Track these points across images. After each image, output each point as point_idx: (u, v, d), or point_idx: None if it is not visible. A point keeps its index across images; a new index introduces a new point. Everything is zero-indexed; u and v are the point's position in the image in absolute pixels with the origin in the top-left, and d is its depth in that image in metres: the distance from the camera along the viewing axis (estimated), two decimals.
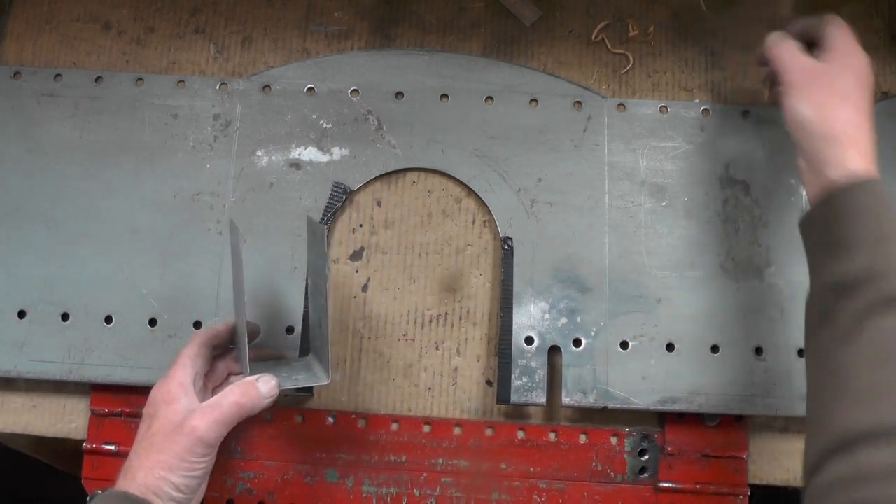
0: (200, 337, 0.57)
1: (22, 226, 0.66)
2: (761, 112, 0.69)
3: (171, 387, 0.53)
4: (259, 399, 0.53)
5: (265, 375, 0.54)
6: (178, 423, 0.51)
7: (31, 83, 0.70)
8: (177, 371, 0.54)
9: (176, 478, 0.50)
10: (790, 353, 0.64)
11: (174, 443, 0.50)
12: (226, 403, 0.52)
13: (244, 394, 0.52)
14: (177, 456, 0.50)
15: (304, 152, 0.68)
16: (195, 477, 0.51)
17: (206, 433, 0.50)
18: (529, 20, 0.73)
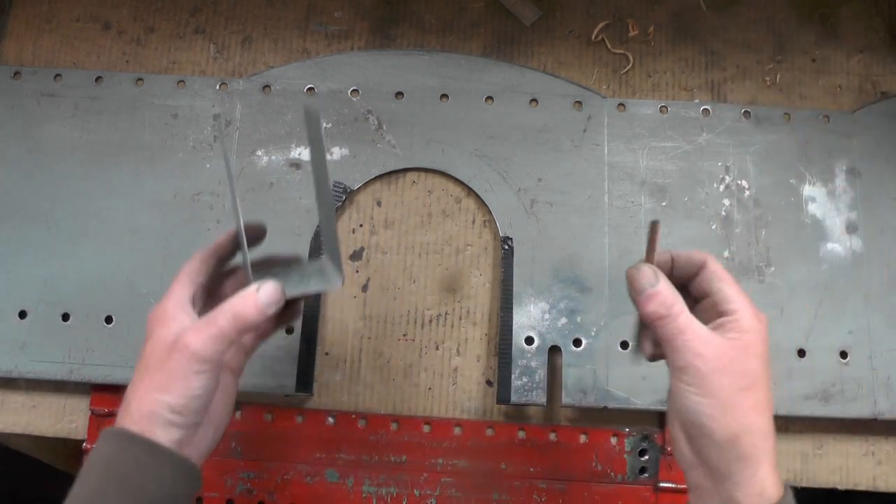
0: (200, 252, 0.52)
1: (22, 226, 0.66)
2: (761, 112, 0.69)
3: (166, 306, 0.48)
4: (259, 308, 0.46)
5: (267, 282, 0.47)
6: (171, 342, 0.45)
7: (31, 83, 0.70)
8: (173, 289, 0.49)
9: (172, 398, 0.44)
10: (790, 354, 0.64)
11: (167, 361, 0.44)
12: (221, 316, 0.45)
13: (241, 304, 0.46)
14: (170, 374, 0.44)
15: (304, 152, 0.68)
16: (194, 397, 0.44)
17: (201, 348, 0.44)
18: (529, 20, 0.73)
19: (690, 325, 0.43)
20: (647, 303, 0.44)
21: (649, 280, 0.45)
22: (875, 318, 0.65)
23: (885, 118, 0.69)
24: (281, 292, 0.48)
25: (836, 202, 0.67)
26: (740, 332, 0.43)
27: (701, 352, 0.42)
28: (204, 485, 0.62)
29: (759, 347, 0.43)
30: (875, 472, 0.64)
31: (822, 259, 0.66)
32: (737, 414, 0.42)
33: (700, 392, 0.42)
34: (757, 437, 0.42)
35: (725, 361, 0.42)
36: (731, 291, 0.45)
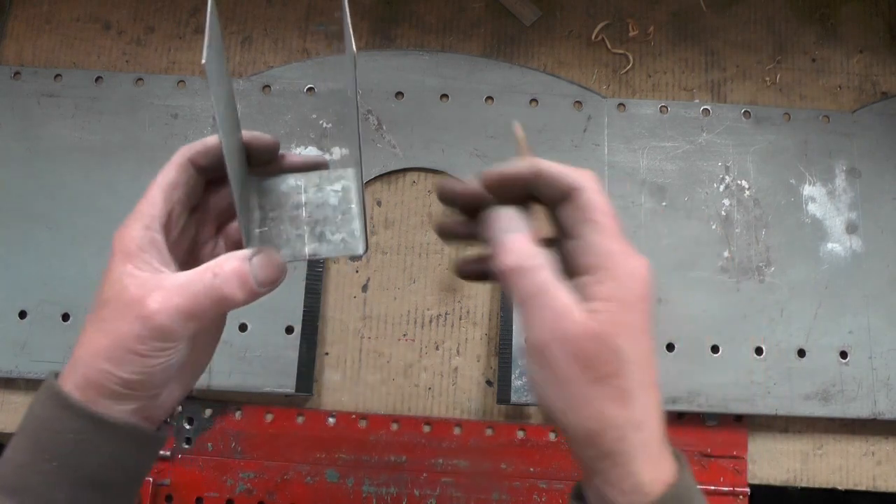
0: (180, 155, 0.40)
1: (22, 226, 0.66)
2: (761, 112, 0.69)
3: (132, 231, 0.37)
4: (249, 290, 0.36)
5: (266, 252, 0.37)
6: (130, 298, 0.35)
7: (31, 83, 0.69)
8: (143, 206, 0.38)
9: (124, 373, 0.35)
10: (790, 353, 0.64)
11: (123, 325, 0.35)
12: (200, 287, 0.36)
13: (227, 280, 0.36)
14: (123, 345, 0.35)
15: (304, 152, 0.68)
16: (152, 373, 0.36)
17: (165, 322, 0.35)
18: (529, 20, 0.73)
19: (550, 286, 0.34)
20: (500, 250, 0.35)
21: (508, 224, 0.36)
22: (875, 318, 0.65)
23: (885, 118, 0.69)
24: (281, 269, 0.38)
25: (836, 202, 0.67)
26: (604, 301, 0.34)
27: (558, 333, 0.33)
28: (204, 485, 0.62)
29: (632, 318, 0.34)
30: (875, 472, 0.64)
31: (822, 259, 0.66)
32: (592, 409, 0.34)
33: (549, 379, 0.34)
34: (624, 430, 0.34)
35: (588, 345, 0.33)
36: (599, 239, 0.35)
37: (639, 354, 0.34)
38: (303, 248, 0.39)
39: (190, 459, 0.63)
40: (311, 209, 0.40)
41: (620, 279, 0.34)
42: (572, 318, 0.34)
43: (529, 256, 0.35)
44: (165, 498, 0.63)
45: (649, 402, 0.35)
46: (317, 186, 0.42)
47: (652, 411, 0.35)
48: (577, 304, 0.34)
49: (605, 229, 0.35)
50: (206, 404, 0.64)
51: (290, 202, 0.40)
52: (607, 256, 0.34)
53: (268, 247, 0.37)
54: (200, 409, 0.64)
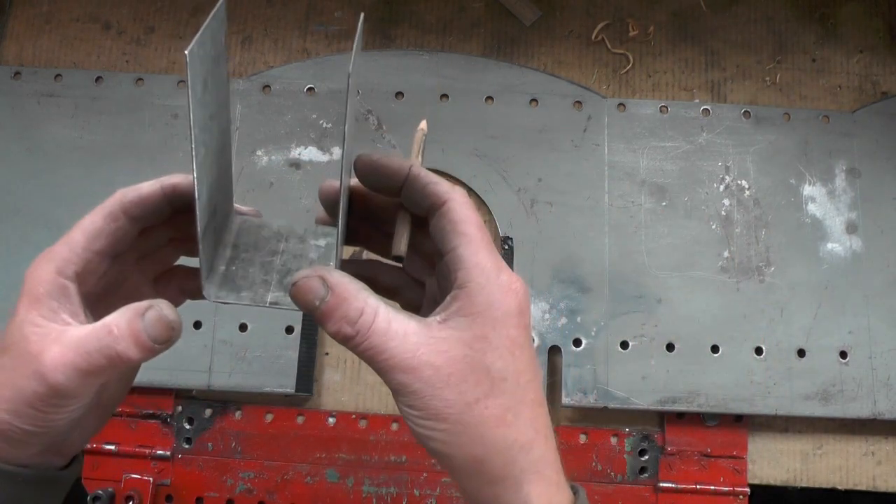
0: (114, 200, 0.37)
1: (22, 226, 0.66)
2: (761, 112, 0.69)
3: (42, 273, 0.35)
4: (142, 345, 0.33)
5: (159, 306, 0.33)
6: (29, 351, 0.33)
7: (31, 83, 0.69)
8: (60, 247, 0.36)
9: (24, 425, 0.33)
10: (790, 353, 0.64)
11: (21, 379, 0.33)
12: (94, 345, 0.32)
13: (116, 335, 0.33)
14: (23, 400, 0.33)
15: (304, 152, 0.68)
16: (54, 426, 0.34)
17: (62, 381, 0.32)
18: (529, 20, 0.73)
19: (391, 334, 0.32)
20: (325, 322, 0.32)
21: (316, 293, 0.32)
22: (875, 318, 0.65)
23: (885, 118, 0.69)
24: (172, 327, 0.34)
25: (836, 202, 0.67)
26: (472, 317, 0.32)
27: (412, 366, 0.31)
28: (204, 485, 0.62)
29: (503, 333, 0.32)
30: (875, 472, 0.64)
31: (822, 259, 0.66)
32: (473, 434, 0.31)
33: (422, 415, 0.32)
34: (510, 453, 0.32)
35: (450, 368, 0.31)
36: (466, 252, 0.32)
37: (514, 370, 0.32)
38: (265, 295, 0.35)
39: (190, 459, 0.63)
40: (286, 258, 0.38)
41: (489, 293, 0.32)
42: (434, 344, 0.32)
43: (359, 315, 0.32)
44: (165, 498, 0.63)
45: (536, 420, 0.33)
46: (300, 238, 0.39)
47: (541, 430, 0.33)
48: (435, 329, 0.32)
49: (474, 242, 0.33)
50: (206, 404, 0.64)
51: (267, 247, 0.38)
52: (476, 270, 0.32)
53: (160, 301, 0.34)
54: (200, 409, 0.64)
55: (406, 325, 0.32)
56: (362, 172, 0.36)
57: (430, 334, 0.32)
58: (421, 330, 0.32)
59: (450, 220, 0.33)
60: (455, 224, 0.33)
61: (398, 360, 0.31)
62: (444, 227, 0.33)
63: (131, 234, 0.37)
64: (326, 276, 0.33)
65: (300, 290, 0.32)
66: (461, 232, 0.33)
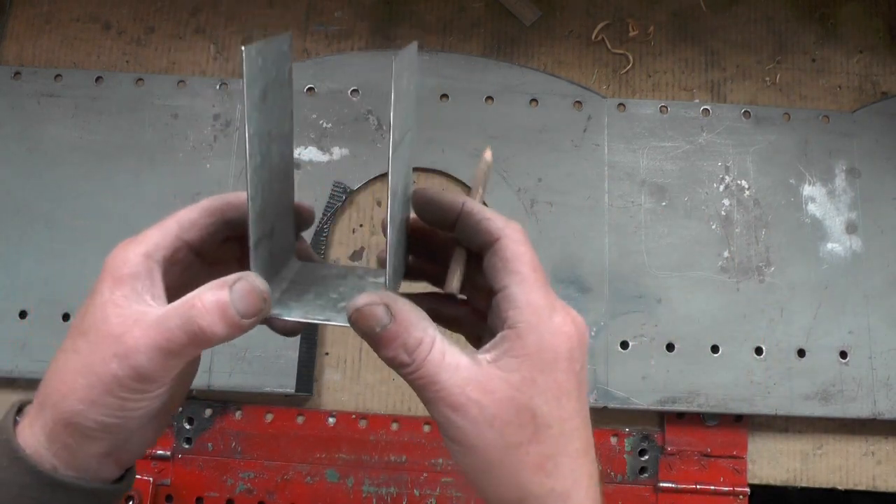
0: (211, 201, 0.36)
1: (22, 226, 0.66)
2: (761, 112, 0.69)
3: (129, 254, 0.33)
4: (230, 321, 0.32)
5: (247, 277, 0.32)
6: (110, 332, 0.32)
7: (31, 83, 0.69)
8: (151, 233, 0.34)
9: (99, 415, 0.32)
10: (790, 353, 0.64)
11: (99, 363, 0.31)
12: (176, 321, 0.31)
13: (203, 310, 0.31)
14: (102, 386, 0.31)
15: (304, 152, 0.68)
16: (129, 417, 0.33)
17: (143, 361, 0.31)
18: (529, 20, 0.73)
19: (443, 367, 0.31)
20: (381, 347, 0.32)
21: (379, 319, 0.32)
22: (875, 318, 0.65)
23: (885, 118, 0.69)
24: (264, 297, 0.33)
25: (836, 202, 0.67)
26: (521, 359, 0.31)
27: (460, 403, 0.31)
28: (204, 485, 0.63)
29: (551, 378, 0.31)
30: (875, 472, 0.64)
31: (822, 259, 0.66)
32: (511, 478, 0.31)
33: (465, 451, 0.31)
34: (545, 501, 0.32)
35: (495, 409, 0.31)
36: (518, 291, 0.32)
37: (559, 418, 0.31)
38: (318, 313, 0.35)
39: (190, 459, 0.63)
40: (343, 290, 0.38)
41: (540, 335, 0.31)
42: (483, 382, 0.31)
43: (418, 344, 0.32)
44: (165, 498, 0.63)
45: (578, 471, 0.32)
46: (359, 277, 0.39)
47: (581, 480, 0.32)
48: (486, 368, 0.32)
49: (526, 281, 0.32)
50: (206, 404, 0.64)
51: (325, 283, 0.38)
52: (527, 310, 0.32)
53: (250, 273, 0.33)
54: (200, 409, 0.64)
55: (459, 359, 0.32)
56: (418, 207, 0.36)
57: (480, 372, 0.31)
58: (472, 367, 0.32)
59: (502, 257, 0.33)
60: (507, 262, 0.33)
61: (447, 395, 0.31)
62: (496, 265, 0.33)
63: (220, 236, 0.37)
64: (391, 302, 0.32)
65: (363, 315, 0.32)
66: (513, 270, 0.32)
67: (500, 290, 0.33)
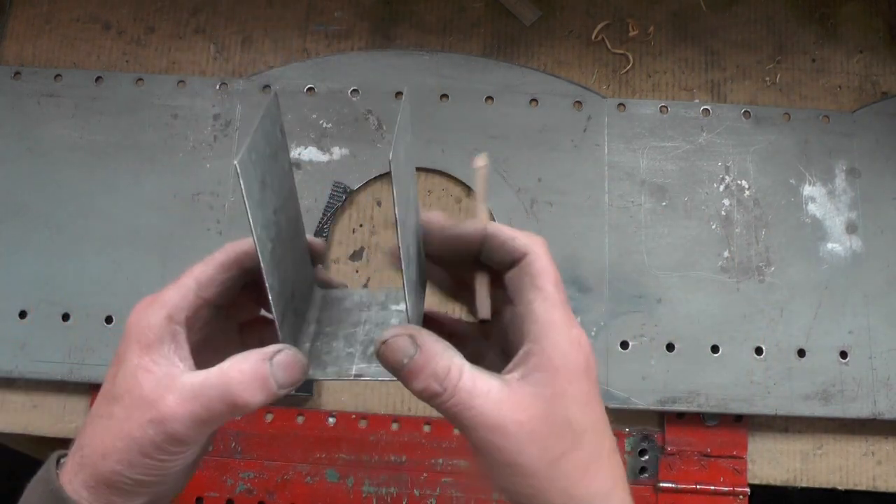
0: (225, 253, 0.37)
1: (22, 226, 0.66)
2: (761, 112, 0.69)
3: (152, 319, 0.34)
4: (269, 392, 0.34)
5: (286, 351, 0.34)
6: (144, 398, 0.33)
7: (31, 83, 0.69)
8: (171, 294, 0.35)
9: (136, 475, 0.34)
10: (790, 353, 0.64)
11: (135, 427, 0.33)
12: (215, 392, 0.33)
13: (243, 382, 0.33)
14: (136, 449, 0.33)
15: (304, 152, 0.68)
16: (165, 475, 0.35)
17: (179, 429, 0.33)
18: (529, 20, 0.73)
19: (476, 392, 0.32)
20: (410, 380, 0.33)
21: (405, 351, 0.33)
22: (875, 318, 0.65)
23: (885, 118, 0.69)
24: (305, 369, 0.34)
25: (836, 202, 0.67)
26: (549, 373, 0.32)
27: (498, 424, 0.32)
28: (204, 485, 0.63)
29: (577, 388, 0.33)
30: (875, 472, 0.64)
31: (822, 259, 0.66)
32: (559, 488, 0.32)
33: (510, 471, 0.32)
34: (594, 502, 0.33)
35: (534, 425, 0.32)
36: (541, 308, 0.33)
37: (591, 423, 0.33)
38: (350, 368, 0.35)
39: None
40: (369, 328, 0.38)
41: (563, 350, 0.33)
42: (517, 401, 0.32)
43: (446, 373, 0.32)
44: None
45: (613, 470, 0.34)
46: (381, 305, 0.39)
47: (618, 480, 0.34)
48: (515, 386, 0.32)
49: (550, 297, 0.34)
50: None
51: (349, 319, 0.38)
52: (551, 327, 0.33)
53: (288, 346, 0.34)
54: None
55: (489, 382, 0.32)
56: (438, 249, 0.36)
57: (512, 392, 0.32)
58: (503, 387, 0.32)
59: (528, 273, 0.34)
60: (533, 278, 0.34)
61: (484, 418, 0.32)
62: (522, 280, 0.34)
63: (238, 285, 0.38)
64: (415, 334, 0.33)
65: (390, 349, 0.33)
66: (538, 286, 0.34)
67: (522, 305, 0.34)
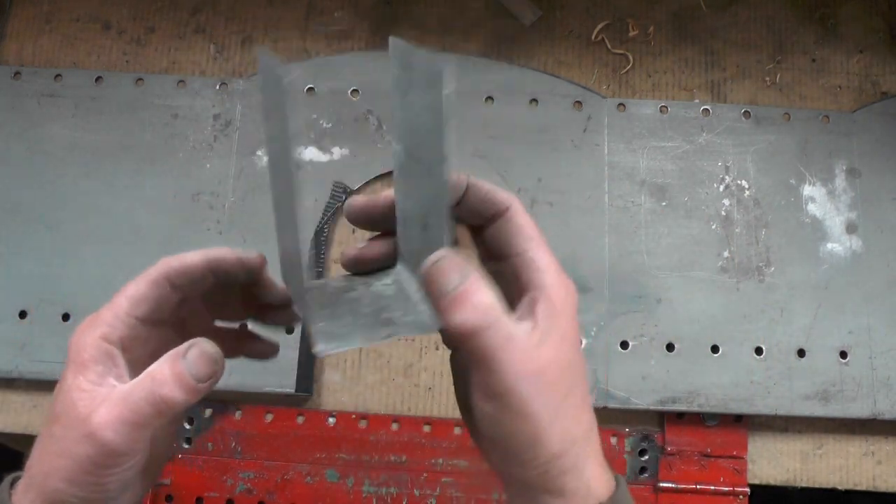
0: (159, 268, 0.37)
1: (22, 226, 0.66)
2: (761, 112, 0.69)
3: (87, 340, 0.35)
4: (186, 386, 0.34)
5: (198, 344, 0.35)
6: (78, 415, 0.34)
7: (31, 83, 0.69)
8: (105, 313, 0.36)
9: (80, 492, 0.34)
10: (790, 353, 0.64)
11: (73, 446, 0.33)
12: (140, 394, 0.33)
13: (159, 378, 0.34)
14: (79, 467, 0.33)
15: (304, 152, 0.68)
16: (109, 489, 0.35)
17: (112, 437, 0.33)
18: (529, 20, 0.73)
19: (512, 335, 0.32)
20: (453, 310, 0.32)
21: (454, 276, 0.32)
22: (875, 318, 0.65)
23: (885, 118, 0.69)
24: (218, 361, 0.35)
25: (836, 202, 0.67)
26: (554, 319, 0.33)
27: (525, 371, 0.32)
28: (204, 485, 0.63)
29: (574, 330, 0.34)
30: (875, 472, 0.64)
31: (822, 259, 0.66)
32: (560, 428, 0.33)
33: (519, 417, 0.32)
34: (582, 444, 0.34)
35: (549, 372, 0.32)
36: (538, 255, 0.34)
37: (580, 361, 0.34)
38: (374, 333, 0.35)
39: (190, 459, 0.63)
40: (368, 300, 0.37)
41: (563, 295, 0.34)
42: (538, 349, 0.32)
43: (489, 309, 0.32)
44: (165, 498, 0.63)
45: (592, 410, 0.35)
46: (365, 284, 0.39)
47: (594, 420, 0.35)
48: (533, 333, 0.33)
49: (542, 244, 0.35)
50: (205, 404, 0.64)
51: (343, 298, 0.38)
52: (550, 272, 0.34)
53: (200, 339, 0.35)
54: (200, 409, 0.64)
55: (519, 327, 0.33)
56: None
57: (531, 338, 0.33)
58: (526, 334, 0.33)
59: (515, 223, 0.35)
60: (521, 228, 0.35)
61: (514, 363, 0.32)
62: (510, 231, 0.35)
63: (172, 301, 0.38)
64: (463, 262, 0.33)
65: (440, 271, 0.32)
66: (528, 236, 0.35)
67: (516, 255, 0.34)
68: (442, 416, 0.65)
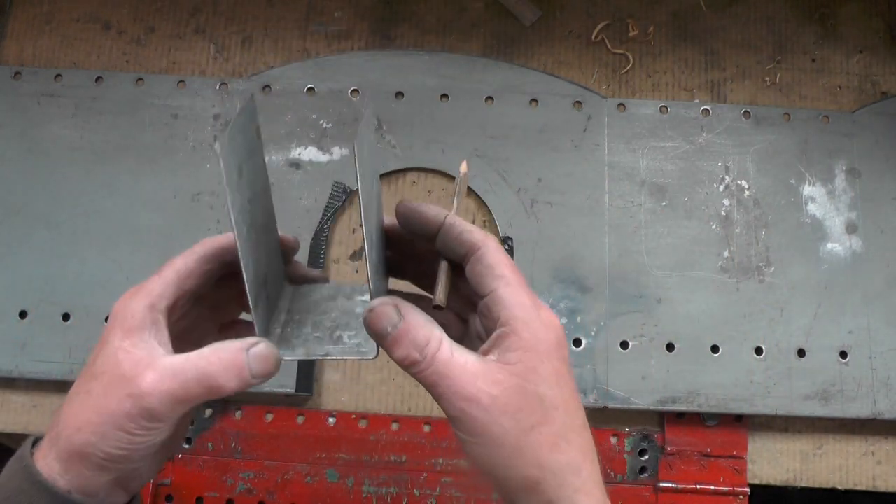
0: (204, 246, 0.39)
1: (22, 226, 0.66)
2: (761, 112, 0.69)
3: (135, 306, 0.37)
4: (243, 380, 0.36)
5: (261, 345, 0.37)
6: (123, 375, 0.35)
7: (31, 83, 0.70)
8: (153, 285, 0.38)
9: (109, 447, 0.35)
10: (790, 353, 0.64)
11: (112, 401, 0.35)
12: (193, 374, 0.35)
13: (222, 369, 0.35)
14: (111, 421, 0.35)
15: (304, 152, 0.68)
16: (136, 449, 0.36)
17: (157, 405, 0.35)
18: (529, 20, 0.73)
19: (453, 363, 0.34)
20: (393, 348, 0.35)
21: (390, 319, 0.35)
22: (875, 318, 0.65)
23: (885, 118, 0.69)
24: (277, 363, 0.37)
25: (836, 202, 0.67)
26: (521, 352, 0.35)
27: (472, 394, 0.34)
28: (204, 485, 0.63)
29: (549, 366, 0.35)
30: (875, 472, 0.64)
31: (822, 259, 0.66)
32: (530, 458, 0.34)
33: (481, 442, 0.34)
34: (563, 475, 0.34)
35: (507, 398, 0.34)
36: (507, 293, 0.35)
37: (562, 399, 0.35)
38: (318, 348, 0.38)
39: (190, 459, 0.63)
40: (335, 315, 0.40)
41: (534, 330, 0.35)
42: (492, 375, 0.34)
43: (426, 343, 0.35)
44: (165, 498, 0.63)
45: (583, 444, 0.36)
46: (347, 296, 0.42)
47: (587, 454, 0.36)
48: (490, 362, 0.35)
49: (512, 283, 0.36)
50: (206, 404, 0.64)
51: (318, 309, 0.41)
52: (518, 309, 0.35)
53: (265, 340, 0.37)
54: (200, 409, 0.64)
55: (466, 356, 0.35)
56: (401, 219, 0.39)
57: (487, 366, 0.35)
58: (479, 362, 0.35)
59: (485, 264, 0.36)
60: (491, 268, 0.36)
61: (460, 388, 0.34)
62: (480, 272, 0.36)
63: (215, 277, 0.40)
64: (399, 304, 0.36)
65: (376, 316, 0.35)
66: (498, 275, 0.36)
67: (487, 294, 0.36)
68: (442, 416, 0.65)
